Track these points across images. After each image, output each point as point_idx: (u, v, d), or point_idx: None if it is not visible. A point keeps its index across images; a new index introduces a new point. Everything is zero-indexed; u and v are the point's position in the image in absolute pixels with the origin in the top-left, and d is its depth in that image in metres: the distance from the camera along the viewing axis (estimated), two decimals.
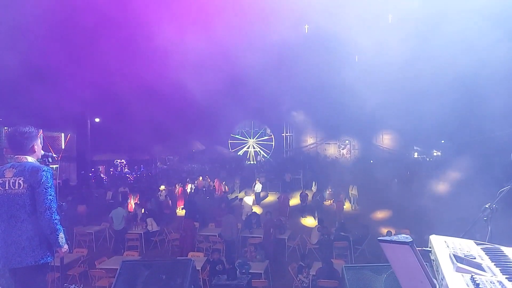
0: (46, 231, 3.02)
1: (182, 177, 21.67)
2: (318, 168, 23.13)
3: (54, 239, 3.05)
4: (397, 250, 1.71)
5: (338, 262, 8.51)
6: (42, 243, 3.04)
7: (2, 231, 3.02)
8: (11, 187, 3.00)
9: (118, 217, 11.50)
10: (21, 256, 2.96)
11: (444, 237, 2.16)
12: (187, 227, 10.66)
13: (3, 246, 2.99)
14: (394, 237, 1.74)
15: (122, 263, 4.10)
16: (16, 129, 3.13)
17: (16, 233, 2.98)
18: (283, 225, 12.16)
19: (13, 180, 3.01)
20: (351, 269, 3.57)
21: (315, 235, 11.19)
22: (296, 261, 9.16)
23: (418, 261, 1.65)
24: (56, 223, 3.04)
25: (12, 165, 3.09)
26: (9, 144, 3.19)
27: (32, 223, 3.00)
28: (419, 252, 1.67)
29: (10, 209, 2.99)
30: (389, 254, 1.76)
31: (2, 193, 3.01)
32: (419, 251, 1.72)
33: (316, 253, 10.63)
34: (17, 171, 3.02)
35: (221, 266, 8.42)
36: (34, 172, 3.02)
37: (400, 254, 1.70)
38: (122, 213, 11.75)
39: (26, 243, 2.98)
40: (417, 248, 1.72)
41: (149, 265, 4.03)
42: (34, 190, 3.00)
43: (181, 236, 10.79)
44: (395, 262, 1.78)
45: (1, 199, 3.01)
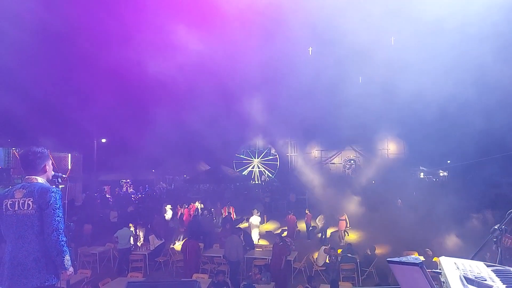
0: (53, 253, 3.00)
1: (187, 197, 21.62)
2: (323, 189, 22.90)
3: (60, 261, 3.03)
4: (407, 271, 1.70)
5: (345, 284, 8.34)
6: (48, 264, 3.02)
7: (10, 251, 3.01)
8: (21, 208, 3.00)
9: (125, 237, 11.46)
10: (27, 278, 2.93)
11: (454, 258, 2.14)
12: (191, 249, 10.54)
13: (10, 267, 2.96)
14: (404, 258, 1.73)
15: (128, 284, 4.06)
16: (29, 149, 3.16)
17: (23, 254, 2.96)
18: (288, 246, 11.98)
19: (22, 200, 3.01)
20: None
21: (322, 256, 11.01)
22: (302, 284, 8.98)
23: (428, 282, 1.63)
24: (63, 245, 3.03)
25: (22, 185, 3.11)
26: (22, 164, 3.20)
27: (39, 244, 2.99)
28: (429, 274, 1.66)
29: (18, 230, 2.98)
30: (399, 275, 1.75)
31: (11, 213, 3.01)
32: (429, 273, 1.71)
33: (322, 275, 10.43)
34: (27, 191, 3.04)
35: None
36: (43, 193, 3.03)
37: (410, 275, 1.69)
38: (128, 233, 11.72)
39: (32, 264, 2.95)
40: (427, 270, 1.71)
41: (154, 287, 3.99)
42: (42, 211, 2.99)
43: (185, 257, 10.66)
44: (405, 283, 1.76)
45: (11, 220, 3.01)
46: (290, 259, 11.12)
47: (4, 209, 3.04)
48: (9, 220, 3.02)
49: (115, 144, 23.54)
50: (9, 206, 3.03)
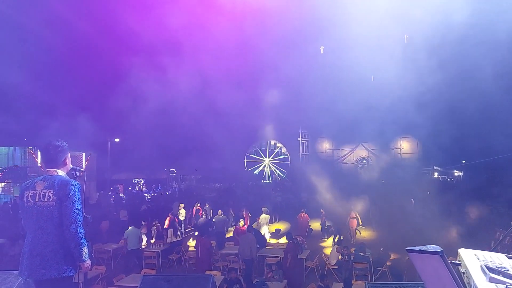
0: (71, 245, 3.04)
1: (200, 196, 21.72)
2: None
3: (78, 253, 3.06)
4: (427, 260, 1.68)
5: (358, 283, 8.27)
6: (67, 256, 3.05)
7: (29, 242, 3.07)
8: (41, 200, 3.06)
9: (133, 237, 11.41)
10: (45, 268, 2.97)
11: (474, 250, 2.11)
12: (203, 246, 10.60)
13: (29, 257, 3.02)
14: (423, 247, 1.72)
15: (143, 278, 4.12)
16: (50, 143, 3.23)
17: (42, 245, 3.01)
18: (300, 245, 11.94)
19: (43, 192, 3.07)
20: (374, 287, 3.48)
21: (334, 255, 10.95)
22: (315, 282, 8.94)
23: (449, 271, 1.61)
24: (81, 237, 3.07)
25: (43, 178, 3.18)
26: (43, 157, 3.29)
27: (58, 236, 3.04)
28: (449, 262, 1.64)
29: (38, 221, 3.04)
30: (418, 265, 1.74)
31: (32, 205, 3.08)
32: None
33: (335, 274, 10.37)
34: (48, 184, 3.10)
35: (239, 285, 8.29)
36: (63, 185, 3.09)
37: (430, 264, 1.67)
38: (137, 233, 11.64)
39: (51, 255, 2.99)
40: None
41: (169, 280, 4.03)
42: (62, 203, 3.05)
43: (197, 255, 10.73)
44: (425, 273, 1.74)
45: (31, 211, 3.07)
46: (302, 257, 11.09)
47: (25, 200, 3.11)
48: (29, 211, 3.09)
49: (128, 144, 23.83)
50: (30, 198, 3.10)
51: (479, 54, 16.04)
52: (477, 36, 15.86)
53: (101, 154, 23.91)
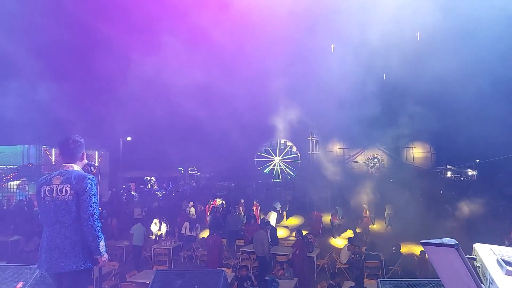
0: (88, 238, 3.07)
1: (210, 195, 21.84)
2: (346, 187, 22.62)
3: (95, 246, 3.09)
4: (442, 253, 1.67)
5: (370, 282, 8.22)
6: (85, 249, 3.09)
7: (47, 236, 3.12)
8: (58, 194, 3.10)
9: (138, 233, 11.65)
10: (64, 261, 3.01)
11: (489, 245, 2.08)
12: (213, 244, 10.67)
13: (47, 250, 3.07)
14: (438, 240, 1.71)
15: (156, 272, 4.17)
16: (68, 138, 3.27)
17: (60, 239, 3.05)
18: (311, 243, 11.92)
19: (60, 187, 3.12)
20: (388, 283, 3.45)
21: (345, 254, 10.90)
22: (326, 280, 8.92)
23: (464, 264, 1.60)
24: (98, 230, 3.10)
25: (60, 172, 3.23)
26: (61, 152, 3.32)
27: (76, 229, 3.08)
28: (465, 256, 1.63)
29: (56, 215, 3.08)
30: (433, 258, 1.72)
31: (49, 199, 3.12)
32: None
33: (346, 272, 10.33)
34: (64, 178, 3.14)
35: (249, 282, 8.32)
36: (80, 180, 3.13)
37: (445, 257, 1.66)
38: (142, 230, 11.87)
39: (69, 248, 3.03)
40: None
41: (182, 275, 4.07)
42: (79, 197, 3.09)
43: (208, 252, 10.82)
44: (440, 266, 1.73)
45: (48, 205, 3.12)
46: (313, 256, 11.08)
47: (42, 195, 3.16)
48: (47, 206, 3.14)
49: (140, 142, 24.12)
50: (47, 192, 3.15)
51: (494, 51, 15.77)
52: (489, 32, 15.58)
53: (113, 153, 24.26)
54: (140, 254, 11.67)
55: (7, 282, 4.51)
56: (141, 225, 12.13)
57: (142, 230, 11.84)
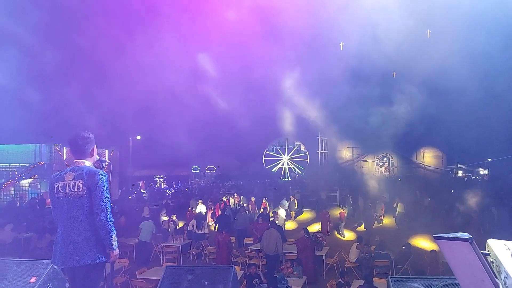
0: (101, 232, 3.12)
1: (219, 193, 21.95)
2: (355, 185, 22.53)
3: (108, 241, 3.14)
4: (455, 248, 1.65)
5: (379, 281, 8.17)
6: (98, 243, 3.14)
7: (62, 231, 3.17)
8: (71, 190, 3.15)
9: (146, 230, 11.80)
10: (79, 255, 3.07)
11: (503, 241, 2.06)
12: (222, 241, 10.70)
13: (62, 245, 3.12)
14: (452, 234, 1.69)
15: (166, 268, 4.21)
16: (77, 134, 3.32)
17: (75, 233, 3.10)
18: (320, 242, 11.89)
19: (72, 183, 3.17)
20: (398, 281, 3.43)
21: (354, 253, 10.84)
22: (334, 279, 8.88)
23: (479, 258, 1.58)
24: (110, 225, 3.15)
25: (71, 169, 3.27)
26: (71, 148, 3.37)
27: (90, 224, 3.13)
28: (479, 250, 1.61)
29: (69, 210, 3.14)
30: (447, 253, 1.71)
31: (62, 195, 3.17)
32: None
33: (355, 271, 10.27)
34: (76, 174, 3.19)
35: (258, 280, 8.33)
36: (92, 175, 3.17)
37: (458, 251, 1.65)
38: (151, 227, 12.02)
39: (83, 243, 3.08)
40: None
41: (192, 271, 4.10)
42: (91, 192, 3.13)
43: (217, 250, 10.86)
44: (453, 261, 1.71)
45: (62, 201, 3.17)
46: (322, 254, 11.05)
47: (56, 191, 3.21)
48: (60, 202, 3.19)
49: (149, 141, 24.34)
50: (60, 188, 3.20)
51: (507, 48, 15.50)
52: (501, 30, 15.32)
53: (123, 151, 24.51)
54: (146, 251, 11.79)
55: (21, 277, 4.59)
56: (152, 222, 12.26)
57: (151, 227, 11.97)
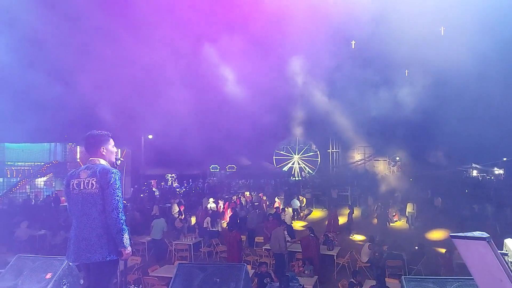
0: (113, 230, 3.15)
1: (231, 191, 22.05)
2: (366, 185, 22.36)
3: (119, 239, 3.16)
4: (473, 247, 1.63)
5: (392, 281, 8.08)
6: (110, 241, 3.17)
7: (75, 227, 3.22)
8: (85, 187, 3.21)
9: (158, 227, 11.94)
10: (90, 252, 3.10)
11: None
12: (233, 240, 10.73)
13: (75, 241, 3.17)
14: (469, 234, 1.66)
15: (179, 265, 4.24)
16: (91, 132, 3.40)
17: (87, 230, 3.14)
18: (331, 241, 11.82)
19: (87, 180, 3.22)
20: (412, 281, 3.38)
21: (366, 252, 10.74)
22: (346, 278, 8.83)
23: (497, 258, 1.55)
24: (122, 223, 3.17)
25: (86, 166, 3.34)
26: (85, 147, 3.45)
27: (102, 221, 3.16)
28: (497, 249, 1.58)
29: (83, 207, 3.19)
30: (464, 252, 1.68)
31: (77, 192, 3.23)
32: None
33: (367, 271, 10.19)
34: (91, 172, 3.25)
35: (269, 279, 8.33)
36: (104, 173, 3.22)
37: (476, 251, 1.62)
38: (162, 225, 12.15)
39: (95, 240, 3.12)
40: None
41: (204, 268, 4.12)
42: (104, 190, 3.17)
43: (228, 248, 10.90)
44: (470, 260, 1.69)
45: (76, 198, 3.23)
46: (333, 254, 10.98)
47: (71, 188, 3.28)
48: (75, 198, 3.25)
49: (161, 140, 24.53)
50: (75, 186, 3.26)
51: None
52: None
53: (135, 150, 24.80)
54: (158, 248, 11.92)
55: (37, 273, 4.70)
56: (163, 220, 12.40)
57: (161, 225, 12.10)
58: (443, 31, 18.68)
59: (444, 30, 18.70)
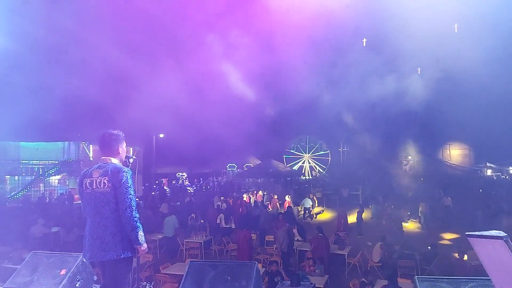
0: (127, 228, 3.19)
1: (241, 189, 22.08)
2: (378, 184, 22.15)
3: (134, 237, 3.21)
4: (489, 246, 1.60)
5: (404, 281, 7.99)
6: (124, 239, 3.21)
7: (90, 226, 3.28)
8: (98, 186, 3.25)
9: (169, 225, 12.09)
10: (105, 250, 3.15)
11: None
12: (243, 238, 10.75)
13: (90, 239, 3.23)
14: (485, 232, 1.63)
15: (190, 263, 4.26)
16: (105, 131, 3.44)
17: (101, 229, 3.19)
18: (342, 240, 11.74)
19: (99, 180, 3.26)
20: (426, 280, 3.33)
21: (377, 252, 10.64)
22: (357, 278, 8.76)
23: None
24: (136, 221, 3.22)
25: (98, 166, 3.38)
26: (99, 145, 3.48)
27: (115, 220, 3.20)
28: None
29: (96, 206, 3.23)
30: (480, 250, 1.65)
31: (90, 191, 3.28)
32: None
33: (378, 271, 10.09)
34: (103, 171, 3.29)
35: (280, 277, 8.33)
36: (116, 172, 3.25)
37: (492, 249, 1.59)
38: (174, 222, 12.30)
39: (109, 238, 3.17)
40: None
41: (215, 266, 4.14)
42: (116, 189, 3.21)
43: (238, 247, 10.93)
44: (487, 259, 1.66)
45: (89, 197, 3.28)
46: (344, 253, 10.91)
47: (84, 187, 3.32)
48: (88, 197, 3.29)
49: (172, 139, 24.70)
50: (88, 185, 3.30)
51: None
52: None
53: (147, 149, 25.04)
54: (170, 246, 12.04)
55: (52, 269, 4.79)
56: (174, 217, 12.52)
57: (173, 222, 12.23)
58: (457, 28, 18.35)
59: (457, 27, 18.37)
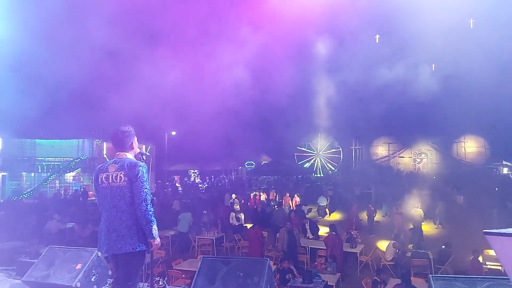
0: (142, 222, 3.27)
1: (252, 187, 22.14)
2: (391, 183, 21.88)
3: (149, 230, 3.29)
4: (508, 244, 1.57)
5: (417, 280, 7.92)
6: (139, 232, 3.29)
7: (105, 219, 3.36)
8: (114, 181, 3.33)
9: (185, 221, 12.34)
10: (121, 243, 3.23)
11: None
12: (254, 235, 10.80)
13: (106, 233, 3.31)
14: (503, 230, 1.60)
15: (203, 259, 4.31)
16: (118, 128, 3.51)
17: (117, 222, 3.27)
18: (354, 239, 11.67)
19: (115, 174, 3.35)
20: (440, 279, 3.29)
21: (390, 251, 10.55)
22: (369, 277, 8.71)
23: None
24: (151, 215, 3.30)
25: (114, 161, 3.46)
26: (112, 141, 3.56)
27: (131, 213, 3.28)
28: None
29: (112, 200, 3.31)
30: (498, 248, 1.63)
31: (106, 185, 3.36)
32: None
33: (391, 270, 10.01)
34: (119, 166, 3.37)
35: (291, 275, 8.35)
36: (132, 167, 3.33)
37: (510, 247, 1.56)
38: (189, 218, 12.54)
39: (125, 231, 3.25)
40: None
41: (227, 262, 4.17)
42: (132, 183, 3.29)
43: (249, 244, 10.98)
44: (505, 257, 1.63)
45: (105, 191, 3.36)
46: (356, 252, 10.86)
47: (100, 182, 3.41)
48: (104, 192, 3.38)
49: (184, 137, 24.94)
50: (103, 179, 3.39)
51: None
52: None
53: (159, 147, 25.32)
54: (184, 241, 12.18)
55: (68, 263, 4.92)
56: (190, 213, 12.70)
57: (188, 219, 12.43)
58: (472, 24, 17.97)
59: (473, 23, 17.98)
